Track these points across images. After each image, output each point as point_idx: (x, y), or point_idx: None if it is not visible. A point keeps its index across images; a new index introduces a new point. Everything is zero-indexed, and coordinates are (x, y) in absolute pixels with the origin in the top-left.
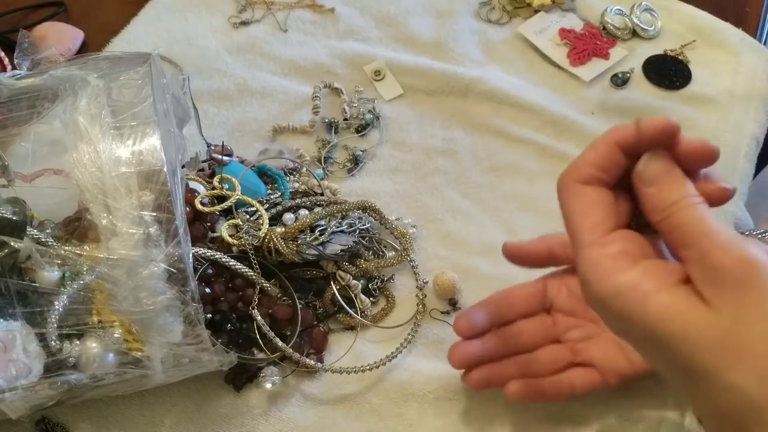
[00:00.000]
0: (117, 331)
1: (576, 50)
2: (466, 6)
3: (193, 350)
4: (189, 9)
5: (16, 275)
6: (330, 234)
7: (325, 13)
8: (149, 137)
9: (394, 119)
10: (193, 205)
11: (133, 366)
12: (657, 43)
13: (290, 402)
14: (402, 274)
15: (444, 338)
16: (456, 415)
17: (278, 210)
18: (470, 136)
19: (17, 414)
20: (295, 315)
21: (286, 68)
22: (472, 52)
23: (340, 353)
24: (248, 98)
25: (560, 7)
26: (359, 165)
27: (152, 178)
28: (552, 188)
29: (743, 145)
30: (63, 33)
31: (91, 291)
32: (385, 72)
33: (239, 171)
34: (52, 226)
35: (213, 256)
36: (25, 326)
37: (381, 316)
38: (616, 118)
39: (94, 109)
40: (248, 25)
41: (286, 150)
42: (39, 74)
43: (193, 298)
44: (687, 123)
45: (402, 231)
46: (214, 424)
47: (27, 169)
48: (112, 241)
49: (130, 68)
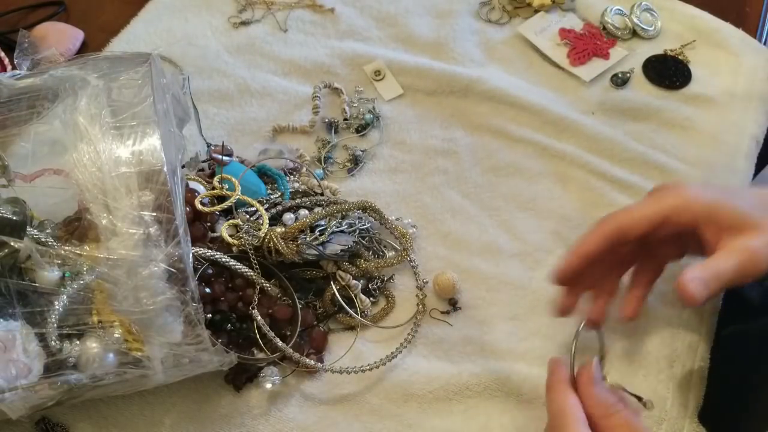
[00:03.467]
0: (117, 331)
1: (576, 50)
2: (466, 6)
3: (193, 350)
4: (189, 9)
5: (16, 275)
6: (330, 234)
7: (325, 13)
8: (149, 137)
9: (394, 119)
10: (193, 205)
11: (133, 366)
12: (657, 43)
13: (290, 402)
14: (402, 274)
15: (444, 338)
16: (456, 415)
17: (278, 210)
18: (470, 136)
19: (17, 414)
20: (295, 315)
21: (286, 68)
22: (472, 52)
23: (340, 353)
24: (248, 98)
25: (560, 7)
26: (359, 165)
27: (152, 178)
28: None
29: (743, 145)
30: (63, 33)
31: (91, 291)
32: (385, 72)
33: (239, 171)
34: (52, 226)
35: (213, 256)
36: (25, 326)
37: (381, 316)
38: (616, 118)
39: (94, 109)
40: (248, 25)
41: (286, 150)
42: (39, 74)
43: (193, 298)
44: (687, 123)
45: (402, 231)
46: (214, 424)
47: (27, 169)
48: (112, 241)
49: (130, 68)
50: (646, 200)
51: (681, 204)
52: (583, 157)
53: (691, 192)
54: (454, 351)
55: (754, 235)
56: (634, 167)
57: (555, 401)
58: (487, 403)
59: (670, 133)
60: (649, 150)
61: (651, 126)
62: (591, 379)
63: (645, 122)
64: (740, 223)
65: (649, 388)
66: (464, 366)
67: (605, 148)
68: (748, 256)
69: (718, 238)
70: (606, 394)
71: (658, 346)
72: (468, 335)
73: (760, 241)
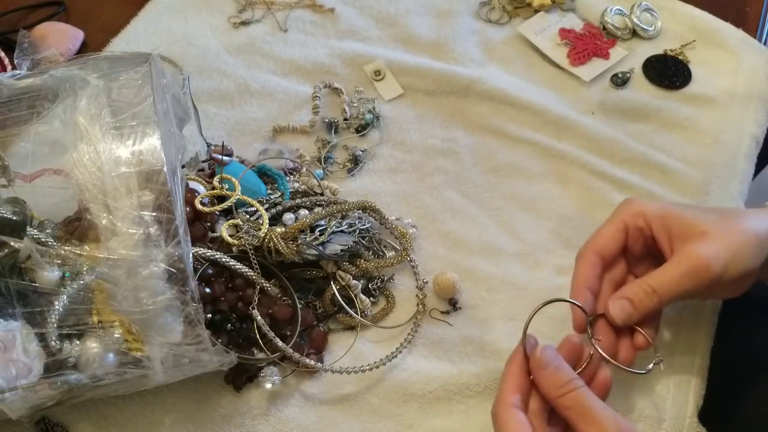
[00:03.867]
0: (117, 331)
1: (576, 50)
2: (466, 6)
3: (193, 350)
4: (189, 9)
5: (16, 275)
6: (330, 234)
7: (325, 13)
8: (149, 137)
9: (394, 119)
10: (193, 205)
11: (133, 366)
12: (657, 43)
13: (290, 402)
14: (402, 274)
15: (444, 338)
16: (456, 415)
17: (278, 210)
18: (470, 136)
19: (17, 414)
20: (295, 315)
21: (286, 68)
22: (472, 52)
23: (340, 353)
24: (248, 98)
25: (560, 7)
26: (359, 165)
27: (152, 178)
28: (552, 188)
29: (743, 145)
30: (63, 33)
31: (91, 291)
32: (385, 72)
33: (239, 171)
34: (52, 226)
35: (213, 256)
36: (25, 326)
37: (381, 316)
38: (616, 118)
39: (94, 109)
40: (248, 25)
41: (286, 150)
42: (39, 74)
43: (193, 298)
44: (687, 123)
45: (402, 231)
46: (214, 424)
47: (27, 169)
48: (112, 241)
49: (130, 68)
50: (607, 219)
51: (634, 212)
52: (583, 157)
53: (643, 203)
54: (454, 351)
55: (703, 241)
56: (634, 167)
57: (498, 419)
58: (487, 403)
59: (670, 133)
60: (649, 150)
61: (651, 126)
62: (539, 363)
63: (645, 122)
64: (689, 230)
65: (649, 388)
66: (464, 366)
67: (605, 148)
68: (696, 263)
69: (671, 246)
70: (558, 375)
71: (659, 346)
72: (468, 335)
73: (709, 246)
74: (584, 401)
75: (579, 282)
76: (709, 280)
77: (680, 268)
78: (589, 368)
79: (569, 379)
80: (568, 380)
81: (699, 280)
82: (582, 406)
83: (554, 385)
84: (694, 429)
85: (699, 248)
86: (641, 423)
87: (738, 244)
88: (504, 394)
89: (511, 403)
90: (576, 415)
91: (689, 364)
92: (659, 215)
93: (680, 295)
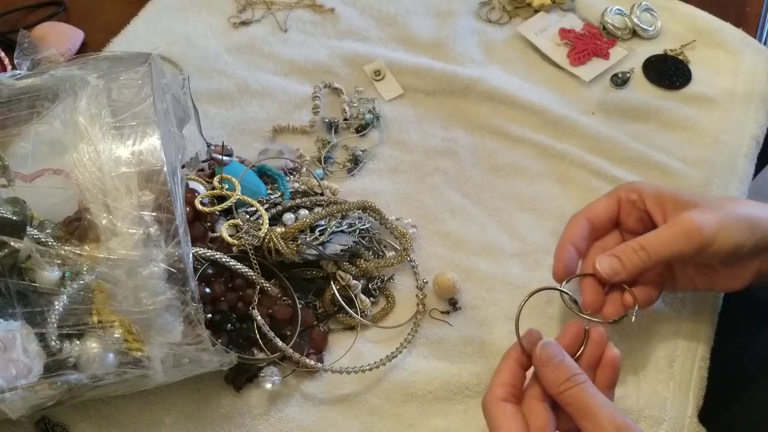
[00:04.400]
0: (117, 331)
1: (576, 50)
2: (466, 6)
3: (193, 350)
4: (189, 9)
5: (16, 275)
6: (330, 234)
7: (325, 13)
8: (149, 137)
9: (394, 119)
10: (193, 205)
11: (133, 366)
12: (657, 43)
13: (290, 402)
14: (402, 274)
15: (444, 338)
16: (456, 415)
17: (278, 210)
18: (470, 136)
19: (17, 414)
20: (295, 315)
21: (286, 68)
22: (472, 52)
23: (340, 353)
24: (248, 98)
25: (560, 7)
26: (359, 165)
27: (152, 178)
28: (552, 188)
29: (743, 145)
30: (63, 33)
31: (91, 291)
32: (385, 72)
33: (239, 171)
34: (52, 226)
35: (213, 256)
36: (25, 326)
37: (381, 316)
38: (616, 118)
39: (94, 109)
40: (248, 25)
41: (286, 150)
42: (39, 74)
43: (193, 298)
44: (687, 123)
45: (402, 231)
46: (214, 424)
47: (27, 169)
48: (112, 241)
49: (130, 68)
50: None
51: (629, 187)
52: (583, 157)
53: (640, 182)
54: (454, 351)
55: (695, 210)
56: (634, 167)
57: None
58: None
59: (670, 133)
60: (649, 150)
61: (651, 126)
62: (541, 360)
63: (645, 122)
64: (683, 205)
65: (649, 388)
66: (464, 366)
67: (605, 148)
68: (688, 225)
69: (664, 219)
70: (559, 371)
71: (658, 345)
72: (468, 335)
73: (701, 213)
74: (584, 398)
75: (565, 239)
76: (699, 244)
77: (671, 229)
78: (594, 349)
79: (570, 375)
80: (569, 376)
81: (689, 242)
82: (581, 402)
83: (556, 381)
84: (694, 429)
85: (691, 213)
86: (641, 423)
87: (729, 217)
88: (492, 386)
89: (498, 396)
90: (576, 411)
91: (689, 365)
92: (654, 193)
93: (670, 256)
